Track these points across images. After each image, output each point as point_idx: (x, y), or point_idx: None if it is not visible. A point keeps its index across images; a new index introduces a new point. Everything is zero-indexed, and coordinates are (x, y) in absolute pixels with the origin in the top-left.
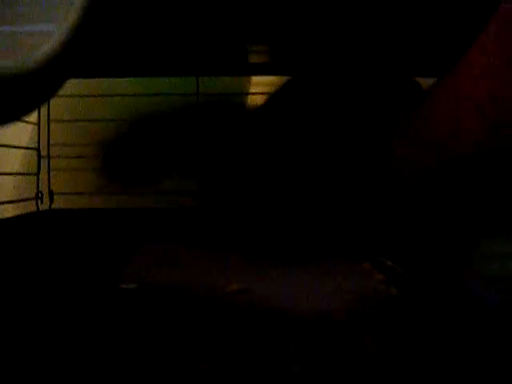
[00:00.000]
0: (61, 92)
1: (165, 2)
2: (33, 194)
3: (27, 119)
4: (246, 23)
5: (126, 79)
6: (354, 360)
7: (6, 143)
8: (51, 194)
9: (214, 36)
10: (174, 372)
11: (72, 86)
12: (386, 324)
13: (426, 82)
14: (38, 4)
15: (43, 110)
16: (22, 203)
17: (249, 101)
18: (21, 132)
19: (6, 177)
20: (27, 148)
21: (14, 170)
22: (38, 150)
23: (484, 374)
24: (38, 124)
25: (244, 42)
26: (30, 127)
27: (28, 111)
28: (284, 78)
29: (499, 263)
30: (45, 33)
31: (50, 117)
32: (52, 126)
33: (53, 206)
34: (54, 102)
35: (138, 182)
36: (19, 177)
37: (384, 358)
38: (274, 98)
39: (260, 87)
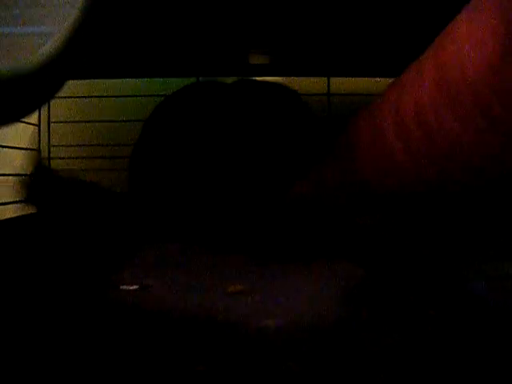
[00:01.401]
0: (61, 93)
1: (165, 3)
2: None
3: (28, 120)
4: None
5: (126, 80)
6: (354, 360)
7: (6, 144)
8: None
9: (215, 37)
10: (173, 373)
11: (72, 87)
12: (386, 324)
13: None
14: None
15: (44, 111)
16: (22, 204)
17: None
18: (21, 133)
19: (6, 178)
20: (28, 149)
21: (15, 172)
22: (38, 151)
23: (484, 374)
24: (39, 125)
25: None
26: (30, 128)
27: (28, 112)
28: (284, 79)
29: (499, 263)
30: (44, 34)
31: (51, 118)
32: (52, 127)
33: None
34: (54, 103)
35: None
36: (19, 178)
37: (384, 358)
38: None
39: None
